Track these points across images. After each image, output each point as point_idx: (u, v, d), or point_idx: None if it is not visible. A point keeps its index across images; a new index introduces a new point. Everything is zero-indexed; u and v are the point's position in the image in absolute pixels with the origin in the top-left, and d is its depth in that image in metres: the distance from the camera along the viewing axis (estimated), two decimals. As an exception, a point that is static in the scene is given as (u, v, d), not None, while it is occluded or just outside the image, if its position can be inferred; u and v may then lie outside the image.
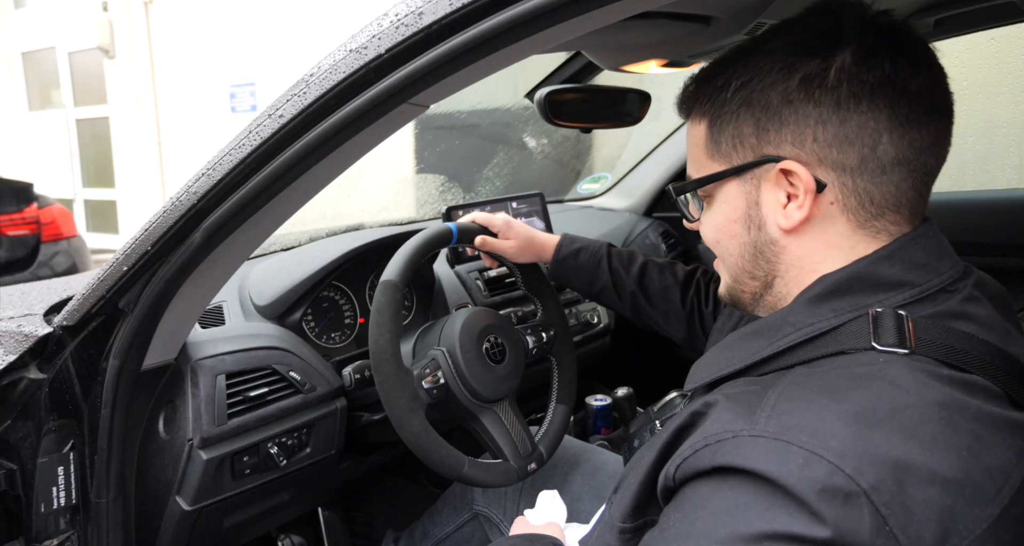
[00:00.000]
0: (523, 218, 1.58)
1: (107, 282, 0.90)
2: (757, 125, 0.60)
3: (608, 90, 1.30)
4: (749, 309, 0.71)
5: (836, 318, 0.57)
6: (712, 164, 0.65)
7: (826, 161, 0.58)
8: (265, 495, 1.08)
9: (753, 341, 0.62)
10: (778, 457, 0.47)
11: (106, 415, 0.95)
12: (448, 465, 0.97)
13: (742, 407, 0.53)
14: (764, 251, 0.64)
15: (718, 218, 0.67)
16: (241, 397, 1.00)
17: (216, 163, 0.82)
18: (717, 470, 0.51)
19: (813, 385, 0.53)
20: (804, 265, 0.62)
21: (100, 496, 0.98)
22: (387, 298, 0.96)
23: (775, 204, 0.61)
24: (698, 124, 0.67)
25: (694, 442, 0.53)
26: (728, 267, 0.69)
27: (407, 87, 0.72)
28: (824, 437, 0.47)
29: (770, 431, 0.49)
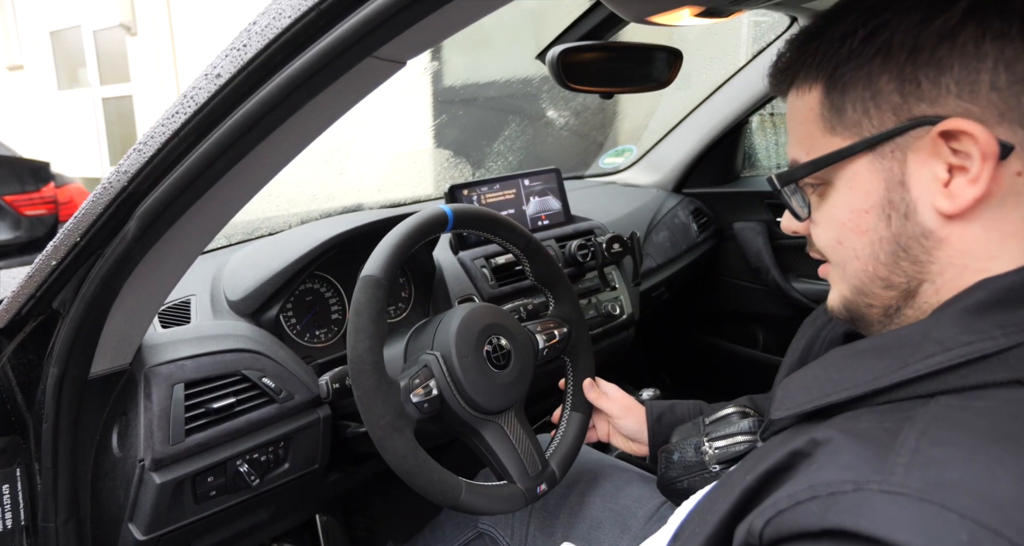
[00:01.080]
0: (536, 196, 1.41)
1: (35, 279, 0.77)
2: (901, 78, 0.47)
3: (632, 47, 1.12)
4: (876, 328, 0.55)
5: (1005, 337, 0.43)
6: (831, 140, 0.52)
7: (1011, 114, 0.45)
8: (238, 516, 0.96)
9: (876, 360, 0.47)
10: (927, 527, 0.34)
11: (48, 429, 0.83)
12: (441, 492, 0.82)
13: (867, 448, 0.40)
14: (911, 248, 0.50)
15: (840, 210, 0.53)
16: (203, 409, 0.86)
17: (148, 136, 0.67)
18: (829, 534, 0.37)
19: (974, 425, 0.39)
20: (967, 263, 0.48)
21: (48, 520, 0.86)
22: (367, 297, 0.80)
23: (931, 181, 0.47)
24: (806, 93, 0.53)
25: (795, 492, 0.40)
26: (850, 275, 0.54)
27: (367, 36, 0.57)
28: (1000, 504, 0.34)
29: (912, 486, 0.36)
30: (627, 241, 1.36)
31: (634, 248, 1.37)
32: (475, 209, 0.95)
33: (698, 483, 0.85)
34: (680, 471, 0.87)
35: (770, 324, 1.84)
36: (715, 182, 1.86)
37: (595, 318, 1.35)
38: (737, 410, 0.85)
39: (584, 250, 1.32)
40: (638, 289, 1.44)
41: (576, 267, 1.34)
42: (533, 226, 1.40)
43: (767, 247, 1.74)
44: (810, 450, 0.44)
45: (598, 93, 1.14)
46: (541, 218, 1.42)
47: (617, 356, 1.46)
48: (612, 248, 1.34)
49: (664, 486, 0.89)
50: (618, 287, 1.40)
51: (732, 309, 1.89)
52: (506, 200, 1.36)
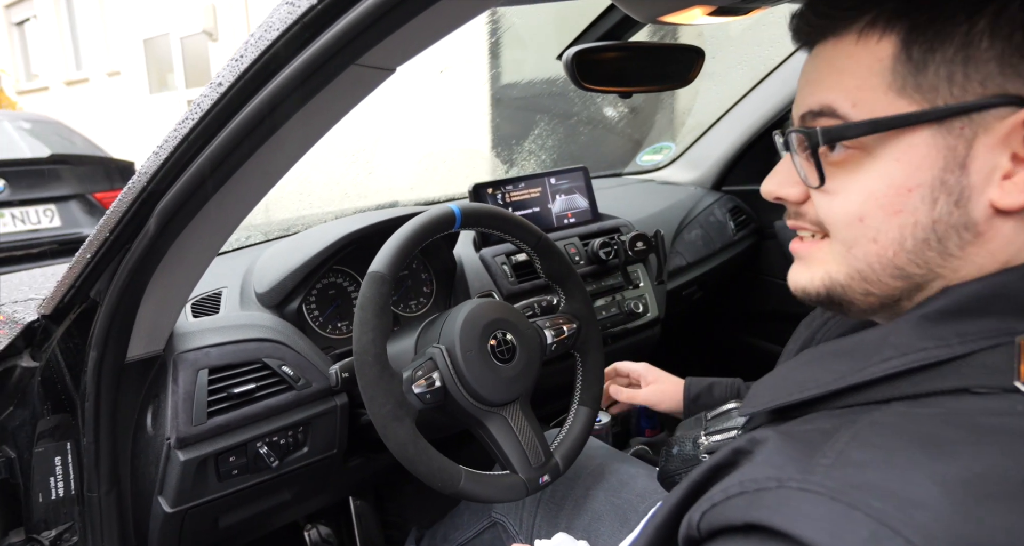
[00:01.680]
0: (563, 195, 1.43)
1: (75, 270, 0.85)
2: (1008, 45, 0.41)
3: (649, 47, 1.12)
4: (859, 316, 0.52)
5: (962, 345, 0.42)
6: (896, 101, 0.45)
7: None
8: (261, 496, 1.02)
9: (837, 362, 0.47)
10: (833, 524, 0.35)
11: (90, 407, 0.91)
12: (441, 479, 0.86)
13: (798, 449, 0.41)
14: (947, 238, 0.45)
15: (877, 184, 0.46)
16: (225, 394, 0.93)
17: (164, 140, 0.73)
18: (750, 528, 0.39)
19: (907, 431, 0.39)
20: (987, 263, 0.45)
21: (92, 490, 0.95)
22: (371, 292, 0.85)
23: (991, 170, 0.43)
24: (872, 42, 0.45)
25: (727, 486, 0.41)
26: (857, 257, 0.48)
27: (349, 45, 0.61)
28: (907, 506, 0.34)
29: (827, 485, 0.37)
30: (651, 239, 1.36)
31: (658, 246, 1.36)
32: (484, 207, 0.98)
33: (695, 477, 0.85)
34: (678, 464, 0.88)
35: (812, 325, 1.78)
36: (756, 179, 1.81)
37: (617, 316, 1.35)
38: (737, 406, 0.85)
39: (607, 248, 1.33)
40: (663, 288, 1.44)
41: (599, 265, 1.35)
42: (559, 224, 1.42)
43: (809, 245, 1.69)
44: (750, 448, 0.45)
45: (616, 92, 1.15)
46: (567, 216, 1.43)
47: (642, 354, 1.46)
48: (635, 246, 1.34)
49: (663, 479, 0.90)
50: (642, 285, 1.40)
51: (773, 309, 1.85)
52: (531, 198, 1.38)
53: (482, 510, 1.15)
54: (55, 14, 11.55)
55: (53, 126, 4.42)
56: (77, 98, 11.51)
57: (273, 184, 0.79)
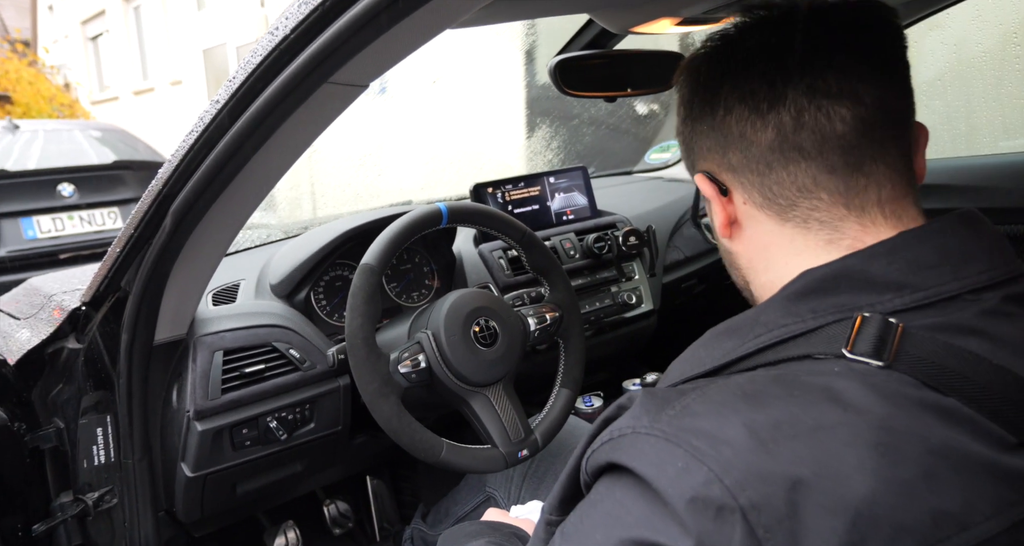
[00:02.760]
0: (562, 193, 1.51)
1: (107, 263, 0.98)
2: (690, 140, 0.63)
3: (629, 54, 1.19)
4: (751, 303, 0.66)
5: (814, 319, 0.50)
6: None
7: (720, 166, 0.59)
8: (273, 466, 1.14)
9: (726, 340, 0.55)
10: (660, 458, 0.43)
11: (124, 385, 1.04)
12: (423, 450, 0.96)
13: (655, 403, 0.49)
14: (726, 258, 0.65)
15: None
16: (237, 373, 1.04)
17: (177, 149, 0.85)
18: (612, 467, 0.48)
19: (742, 388, 0.47)
20: (755, 268, 0.60)
21: (127, 457, 1.08)
22: (361, 281, 0.95)
23: (714, 213, 0.62)
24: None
25: (603, 436, 0.50)
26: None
27: (320, 65, 0.71)
28: (717, 444, 0.42)
29: (664, 430, 0.45)
30: (644, 234, 1.43)
31: (650, 241, 1.43)
32: (469, 205, 1.07)
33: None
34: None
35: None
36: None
37: (611, 307, 1.43)
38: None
39: (601, 243, 1.41)
40: (657, 280, 1.50)
41: (594, 259, 1.43)
42: (558, 220, 1.50)
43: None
44: (627, 404, 0.53)
45: (599, 98, 1.22)
46: (566, 213, 1.51)
47: (638, 343, 1.53)
48: (628, 241, 1.41)
49: None
50: (636, 278, 1.47)
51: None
52: (531, 196, 1.47)
53: (478, 485, 1.24)
54: (125, 28, 12.20)
55: (119, 134, 4.73)
56: (144, 107, 12.13)
57: (270, 188, 0.90)
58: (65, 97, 11.62)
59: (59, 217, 3.64)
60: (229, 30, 9.43)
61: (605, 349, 1.47)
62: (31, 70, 10.90)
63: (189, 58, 10.45)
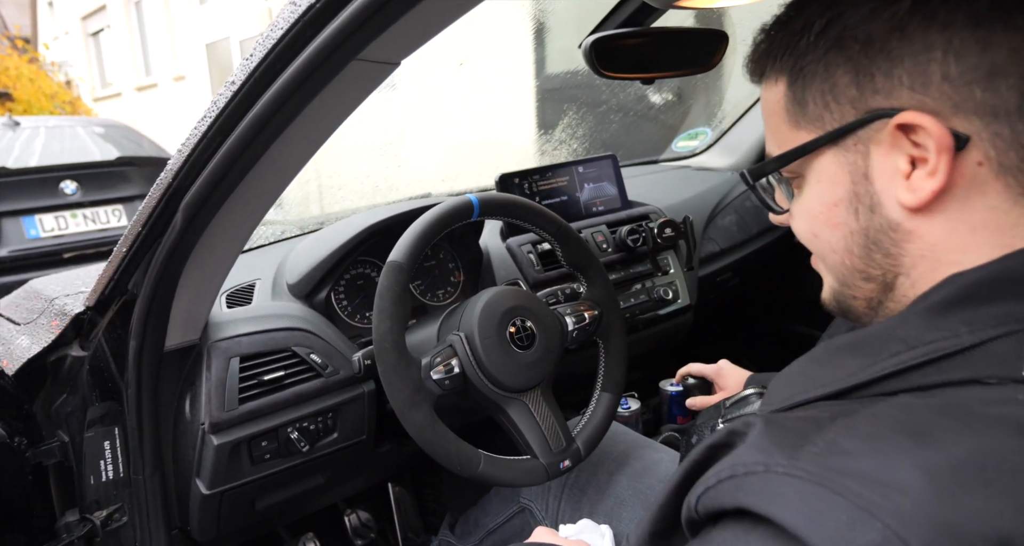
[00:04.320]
0: (591, 183, 1.42)
1: (113, 264, 0.90)
2: (856, 71, 0.47)
3: (670, 32, 1.10)
4: (865, 321, 0.55)
5: (971, 335, 0.42)
6: (798, 134, 0.52)
7: (966, 105, 0.43)
8: (295, 479, 1.06)
9: (849, 358, 0.47)
10: (812, 508, 0.35)
11: (133, 394, 0.96)
12: (460, 463, 0.88)
13: (789, 435, 0.41)
14: (881, 241, 0.49)
15: (812, 204, 0.52)
16: (255, 380, 0.97)
17: (187, 138, 0.77)
18: (739, 513, 0.39)
19: (900, 421, 0.39)
20: (938, 256, 0.47)
21: (137, 473, 1.01)
22: (389, 281, 0.87)
23: (893, 174, 0.46)
24: (773, 86, 0.53)
25: (720, 470, 0.42)
26: (832, 266, 0.54)
27: (348, 40, 0.63)
28: (889, 492, 0.34)
29: (811, 471, 0.37)
30: (680, 225, 1.34)
31: (687, 232, 1.34)
32: (502, 196, 0.99)
33: (711, 465, 0.85)
34: (698, 453, 0.87)
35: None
36: (798, 163, 1.76)
37: (647, 303, 1.34)
38: (755, 391, 0.84)
39: (635, 235, 1.32)
40: (694, 274, 1.42)
41: (628, 252, 1.34)
42: (587, 212, 1.42)
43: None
44: (744, 430, 0.45)
45: (636, 79, 1.14)
46: (596, 204, 1.43)
47: (674, 340, 1.45)
48: (664, 233, 1.33)
49: None
50: (672, 272, 1.39)
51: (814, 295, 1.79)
52: (559, 187, 1.39)
53: (511, 496, 1.16)
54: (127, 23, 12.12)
55: (122, 130, 4.64)
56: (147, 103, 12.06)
57: (291, 178, 0.82)
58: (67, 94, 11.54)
59: (62, 215, 3.57)
60: (232, 24, 9.34)
61: (639, 347, 1.39)
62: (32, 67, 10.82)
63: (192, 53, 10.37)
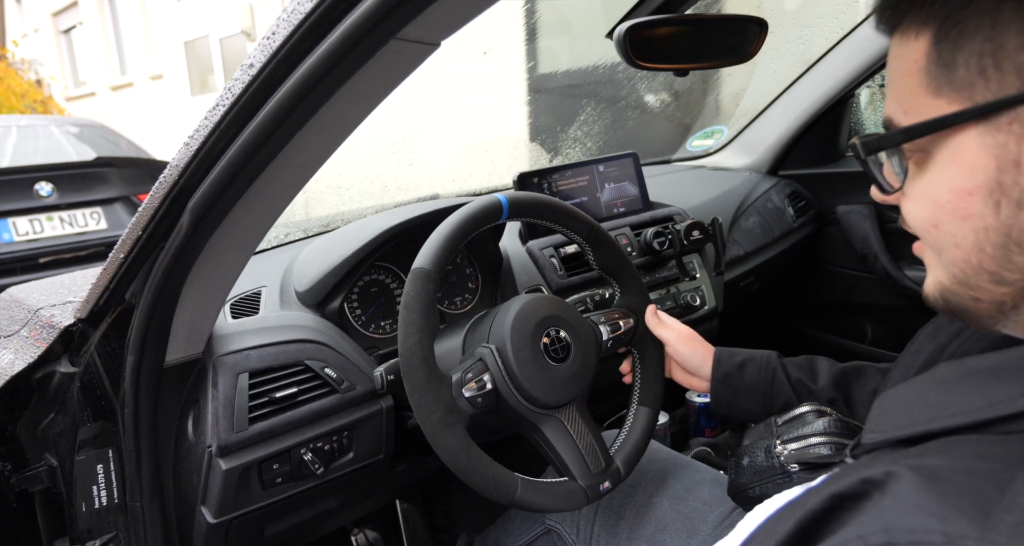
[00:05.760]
0: (612, 183, 1.35)
1: (108, 272, 0.81)
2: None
3: (707, 20, 1.04)
4: (986, 323, 0.47)
5: None
6: (936, 103, 0.43)
7: None
8: (306, 503, 0.98)
9: (994, 384, 0.40)
10: None
11: (130, 414, 0.87)
12: (496, 489, 0.80)
13: (962, 494, 0.33)
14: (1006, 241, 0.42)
15: (938, 188, 0.44)
16: (267, 398, 0.88)
17: (195, 130, 0.69)
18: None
19: None
20: None
21: (135, 499, 0.92)
22: (416, 290, 0.79)
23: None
24: (912, 40, 0.44)
25: (866, 533, 0.34)
26: (949, 262, 0.46)
27: (388, 16, 0.55)
28: None
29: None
30: (708, 228, 1.28)
31: (715, 235, 1.28)
32: (532, 197, 0.91)
33: (771, 489, 0.77)
34: (751, 477, 0.80)
35: (880, 316, 1.68)
36: (816, 163, 1.72)
37: (673, 309, 1.28)
38: (812, 409, 0.77)
39: (661, 238, 1.25)
40: (721, 279, 1.35)
41: (653, 256, 1.27)
42: (608, 213, 1.35)
43: (875, 232, 1.59)
44: (884, 480, 0.37)
45: (671, 70, 1.07)
46: (617, 205, 1.36)
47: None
48: (691, 235, 1.26)
49: (735, 493, 0.83)
50: (699, 276, 1.32)
51: (837, 300, 1.74)
52: (579, 187, 1.31)
53: (535, 516, 1.08)
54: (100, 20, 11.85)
55: (99, 130, 4.50)
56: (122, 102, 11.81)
57: (312, 174, 0.74)
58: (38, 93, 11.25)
59: (37, 218, 3.43)
60: (212, 21, 9.16)
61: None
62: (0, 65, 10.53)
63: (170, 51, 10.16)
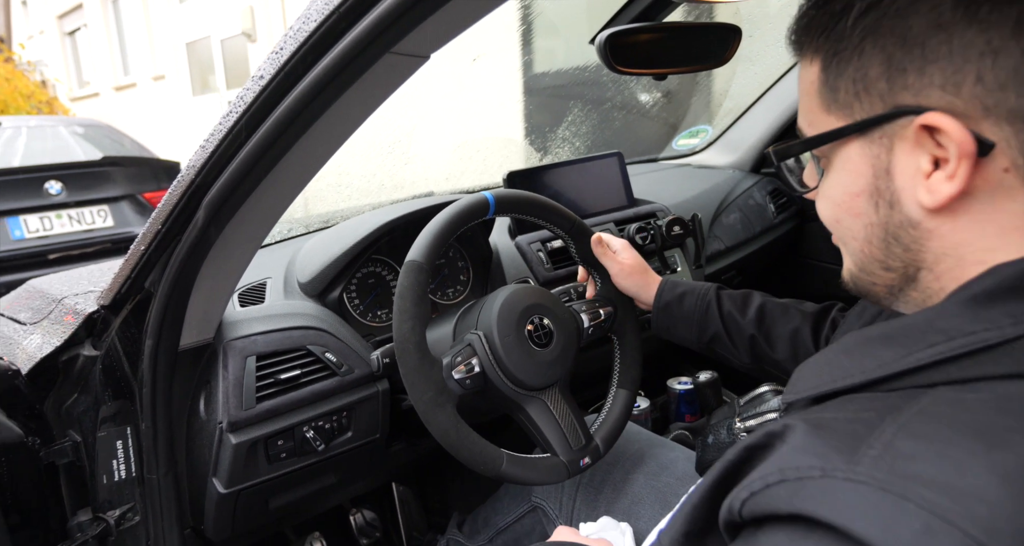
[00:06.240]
0: (598, 181, 1.43)
1: (130, 262, 0.89)
2: (889, 64, 0.45)
3: (684, 27, 1.11)
4: (885, 303, 0.55)
5: (1013, 327, 0.41)
6: (828, 118, 0.51)
7: (997, 110, 0.43)
8: (308, 478, 1.06)
9: (883, 348, 0.46)
10: (882, 516, 0.34)
11: (147, 394, 0.95)
12: (483, 463, 0.87)
13: (839, 437, 0.40)
14: (900, 236, 0.49)
15: (835, 191, 0.52)
16: (272, 379, 0.96)
17: (211, 134, 0.76)
18: (795, 518, 0.38)
19: (956, 420, 0.38)
20: (963, 254, 0.47)
21: (151, 472, 0.99)
22: (409, 281, 0.87)
23: (914, 173, 0.46)
24: (809, 64, 0.52)
25: (766, 473, 0.41)
26: (852, 252, 0.54)
27: (384, 33, 0.62)
28: (964, 498, 0.33)
29: (876, 477, 0.36)
30: (688, 223, 1.35)
31: (695, 230, 1.35)
32: (517, 193, 0.99)
33: (732, 463, 0.85)
34: (715, 453, 0.88)
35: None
36: (797, 161, 1.79)
37: (656, 301, 1.35)
38: (771, 388, 0.85)
39: (643, 233, 1.33)
40: (702, 271, 1.43)
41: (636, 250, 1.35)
42: (594, 210, 1.42)
43: (853, 228, 1.66)
44: (782, 432, 0.44)
45: (650, 75, 1.14)
46: (602, 202, 1.43)
47: (681, 339, 1.45)
48: (672, 231, 1.34)
49: (702, 468, 0.91)
50: (680, 269, 1.39)
51: (818, 292, 1.81)
52: (566, 185, 1.38)
53: (521, 494, 1.16)
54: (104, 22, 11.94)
55: (104, 130, 4.58)
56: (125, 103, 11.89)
57: (313, 174, 0.82)
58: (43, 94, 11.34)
59: (47, 216, 3.51)
60: (213, 22, 9.23)
61: (647, 346, 1.39)
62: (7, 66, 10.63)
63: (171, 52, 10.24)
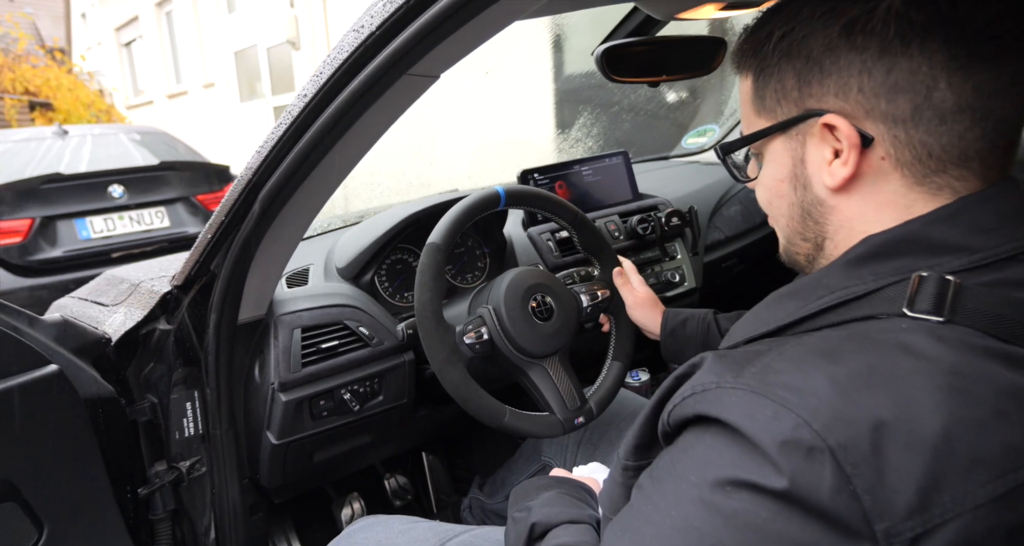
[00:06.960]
0: (605, 177, 1.57)
1: (199, 248, 1.07)
2: (799, 77, 0.58)
3: (672, 40, 1.25)
4: (806, 271, 0.69)
5: (875, 282, 0.55)
6: (759, 121, 0.64)
7: (874, 112, 0.55)
8: (346, 436, 1.23)
9: (789, 301, 0.60)
10: (749, 409, 0.48)
11: (211, 361, 1.13)
12: (488, 414, 1.03)
13: (735, 362, 0.54)
14: (812, 212, 0.62)
15: (767, 178, 0.65)
16: (315, 348, 1.13)
17: (265, 141, 0.93)
18: (699, 419, 0.52)
19: (817, 347, 0.51)
20: (853, 226, 0.59)
21: (215, 428, 1.18)
22: (429, 259, 1.03)
23: (820, 161, 0.59)
24: (745, 79, 0.65)
25: (683, 390, 0.55)
26: (780, 228, 0.68)
27: (402, 59, 0.78)
28: (802, 394, 0.47)
29: (750, 385, 0.50)
30: (686, 215, 1.49)
31: (692, 221, 1.49)
32: (525, 188, 1.14)
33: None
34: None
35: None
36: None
37: (655, 285, 1.49)
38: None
39: (644, 224, 1.47)
40: (699, 259, 1.56)
41: (638, 239, 1.49)
42: (601, 203, 1.56)
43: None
44: (700, 362, 0.58)
45: (644, 83, 1.28)
46: (609, 196, 1.57)
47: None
48: (671, 222, 1.47)
49: None
50: (679, 257, 1.53)
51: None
52: (575, 181, 1.53)
53: (533, 455, 1.31)
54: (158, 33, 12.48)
55: (159, 136, 4.88)
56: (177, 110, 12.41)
57: (346, 174, 0.98)
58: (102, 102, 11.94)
59: (110, 217, 3.79)
60: (260, 32, 9.60)
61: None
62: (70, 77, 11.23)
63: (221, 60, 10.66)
